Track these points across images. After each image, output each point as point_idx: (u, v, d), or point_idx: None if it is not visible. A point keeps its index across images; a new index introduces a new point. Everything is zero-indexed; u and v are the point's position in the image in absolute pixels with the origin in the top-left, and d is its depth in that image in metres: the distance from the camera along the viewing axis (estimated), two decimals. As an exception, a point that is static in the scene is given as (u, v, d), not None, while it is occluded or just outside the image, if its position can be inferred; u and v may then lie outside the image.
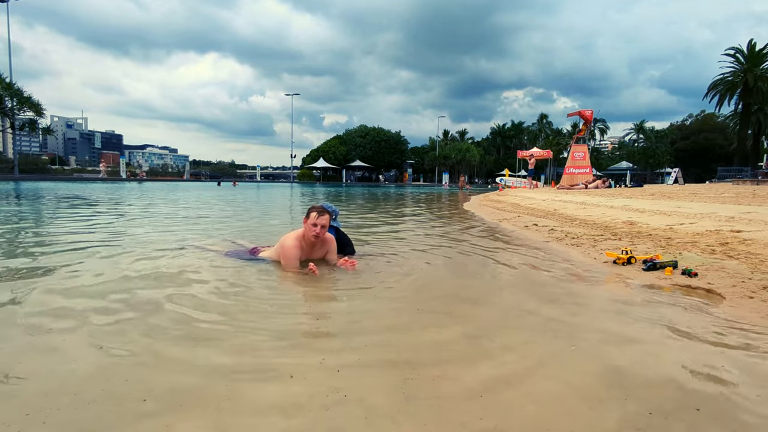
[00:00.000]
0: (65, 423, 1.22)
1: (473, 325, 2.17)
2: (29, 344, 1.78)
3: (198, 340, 1.86)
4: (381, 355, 1.75)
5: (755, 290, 2.51)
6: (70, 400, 1.33)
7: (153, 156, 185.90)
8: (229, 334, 1.94)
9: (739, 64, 38.78)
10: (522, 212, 8.87)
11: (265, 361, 1.67)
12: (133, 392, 1.39)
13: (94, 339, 1.84)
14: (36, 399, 1.33)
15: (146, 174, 55.49)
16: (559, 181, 24.40)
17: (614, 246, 4.17)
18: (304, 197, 18.61)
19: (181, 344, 1.81)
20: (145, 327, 2.00)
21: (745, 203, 7.08)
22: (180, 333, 1.94)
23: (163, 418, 1.25)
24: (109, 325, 2.02)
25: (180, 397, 1.37)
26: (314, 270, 2.98)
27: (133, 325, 2.02)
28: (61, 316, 2.13)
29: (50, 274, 2.99)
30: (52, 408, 1.28)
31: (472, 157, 60.33)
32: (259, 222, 7.62)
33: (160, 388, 1.42)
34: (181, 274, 3.06)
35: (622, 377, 1.54)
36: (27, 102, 31.40)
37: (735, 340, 1.88)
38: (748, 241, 3.65)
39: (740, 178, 27.49)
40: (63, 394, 1.36)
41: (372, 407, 1.33)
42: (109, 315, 2.15)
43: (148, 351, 1.74)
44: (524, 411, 1.32)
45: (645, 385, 1.47)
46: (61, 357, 1.66)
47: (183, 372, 1.56)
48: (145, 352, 1.73)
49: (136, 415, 1.26)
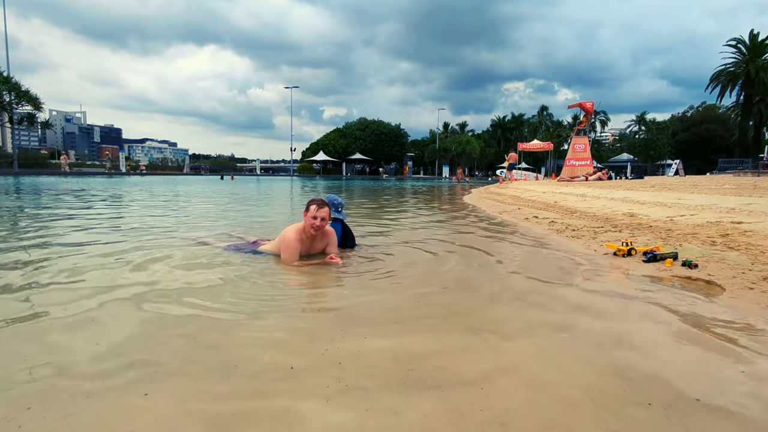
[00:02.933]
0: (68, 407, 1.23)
1: (473, 317, 2.18)
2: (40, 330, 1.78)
3: (199, 332, 1.86)
4: (382, 345, 1.75)
5: (755, 281, 2.51)
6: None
7: (152, 150, 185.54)
8: (231, 327, 1.94)
9: (741, 55, 38.51)
10: (522, 204, 8.86)
11: (265, 351, 1.67)
12: (134, 386, 1.40)
13: (96, 334, 1.85)
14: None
15: (146, 168, 55.42)
16: (560, 173, 24.34)
17: (615, 238, 4.17)
18: (308, 191, 18.58)
19: (184, 337, 1.82)
20: (146, 318, 2.01)
21: (746, 195, 7.06)
22: (182, 326, 1.95)
23: (165, 409, 1.25)
24: (112, 317, 2.03)
25: (180, 387, 1.38)
26: (338, 261, 3.14)
27: (136, 316, 2.03)
28: (60, 317, 2.14)
29: (50, 268, 2.99)
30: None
31: (473, 150, 60.07)
32: (265, 214, 7.61)
33: (158, 380, 1.43)
34: (181, 268, 3.07)
35: (622, 368, 1.55)
36: (25, 96, 31.22)
37: (734, 332, 1.88)
38: (748, 233, 3.65)
39: (741, 169, 27.43)
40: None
41: (373, 397, 1.33)
42: (113, 307, 2.16)
43: (150, 343, 1.75)
44: (523, 402, 1.32)
45: (644, 376, 1.48)
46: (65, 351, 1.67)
47: (181, 362, 1.57)
48: (147, 345, 1.73)
49: (141, 404, 1.27)
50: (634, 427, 1.18)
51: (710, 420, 1.22)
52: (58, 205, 8.47)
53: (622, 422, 1.20)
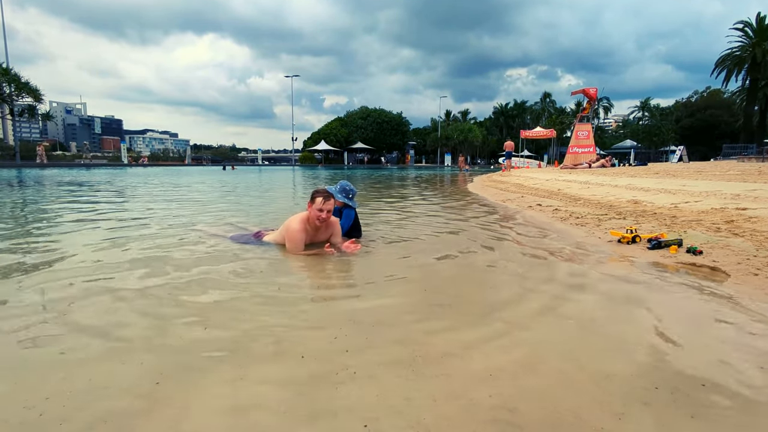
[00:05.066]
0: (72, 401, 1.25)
1: (480, 305, 2.19)
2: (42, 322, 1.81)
3: (207, 323, 1.88)
4: (390, 334, 1.77)
5: (760, 267, 2.51)
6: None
7: (153, 141, 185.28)
8: (238, 316, 1.97)
9: (748, 39, 37.91)
10: (526, 192, 8.84)
11: (274, 341, 1.70)
12: (145, 373, 1.42)
13: (101, 323, 1.87)
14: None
15: (148, 159, 55.44)
16: (563, 160, 24.22)
17: (619, 225, 4.17)
18: (316, 180, 18.56)
19: (189, 326, 1.84)
20: (152, 308, 2.03)
21: (751, 181, 7.02)
22: (188, 316, 1.97)
23: (176, 396, 1.28)
24: (115, 310, 2.05)
25: (192, 376, 1.41)
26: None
27: (142, 306, 2.06)
28: (67, 310, 2.16)
29: (58, 260, 3.02)
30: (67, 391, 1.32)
31: (475, 138, 59.71)
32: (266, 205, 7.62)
33: (170, 369, 1.46)
34: (186, 258, 3.09)
35: (627, 353, 1.56)
36: (25, 88, 31.04)
37: (739, 317, 1.89)
38: (753, 219, 3.64)
39: (746, 155, 27.22)
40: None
41: (383, 384, 1.35)
42: (115, 299, 2.19)
43: (156, 332, 1.77)
44: (531, 387, 1.34)
45: (650, 361, 1.50)
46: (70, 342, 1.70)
47: (192, 353, 1.59)
48: (154, 333, 1.76)
49: (149, 393, 1.29)
50: (640, 411, 1.20)
51: (717, 404, 1.24)
52: (71, 197, 8.50)
53: (629, 406, 1.22)
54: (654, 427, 1.13)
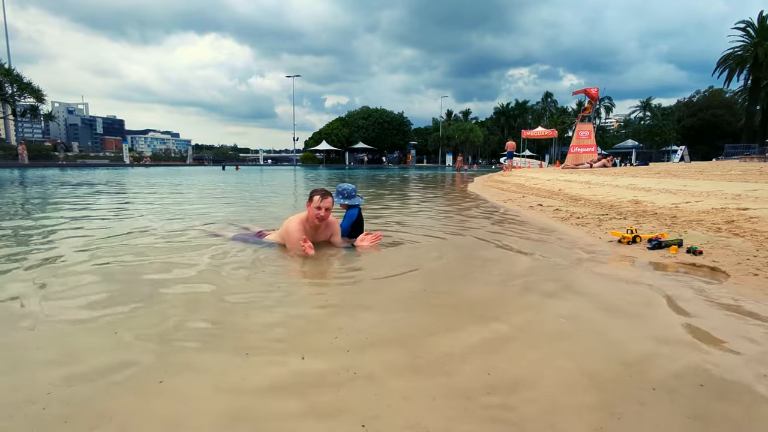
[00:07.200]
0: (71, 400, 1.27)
1: (479, 305, 2.20)
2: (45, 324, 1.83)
3: (207, 322, 1.89)
4: (389, 334, 1.78)
5: (760, 267, 2.51)
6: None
7: (155, 141, 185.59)
8: (239, 316, 1.98)
9: (750, 38, 37.86)
10: (526, 192, 8.84)
11: (274, 341, 1.71)
12: (149, 374, 1.43)
13: (106, 324, 1.88)
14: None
15: (150, 159, 55.56)
16: (564, 160, 24.20)
17: (619, 225, 4.17)
18: (316, 180, 18.58)
19: (189, 326, 1.85)
20: (155, 310, 2.04)
21: (752, 181, 7.01)
22: (188, 315, 1.98)
23: (178, 399, 1.29)
24: (120, 312, 2.07)
25: (191, 376, 1.42)
26: (308, 251, 3.01)
27: (144, 306, 2.07)
28: (69, 308, 2.18)
29: (54, 259, 3.04)
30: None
31: (476, 138, 59.68)
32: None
33: (170, 369, 1.47)
34: (188, 258, 3.10)
35: (626, 354, 1.57)
36: (27, 88, 31.06)
37: (739, 318, 1.90)
38: (754, 219, 3.64)
39: (747, 155, 27.16)
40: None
41: (382, 384, 1.36)
42: (117, 300, 2.20)
43: (158, 334, 1.78)
44: (529, 387, 1.35)
45: (649, 362, 1.50)
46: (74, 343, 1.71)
47: (194, 353, 1.60)
48: (156, 336, 1.77)
49: (149, 392, 1.30)
50: (639, 411, 1.21)
51: (714, 405, 1.24)
52: (75, 197, 8.53)
53: (627, 406, 1.23)
54: (652, 427, 1.14)
